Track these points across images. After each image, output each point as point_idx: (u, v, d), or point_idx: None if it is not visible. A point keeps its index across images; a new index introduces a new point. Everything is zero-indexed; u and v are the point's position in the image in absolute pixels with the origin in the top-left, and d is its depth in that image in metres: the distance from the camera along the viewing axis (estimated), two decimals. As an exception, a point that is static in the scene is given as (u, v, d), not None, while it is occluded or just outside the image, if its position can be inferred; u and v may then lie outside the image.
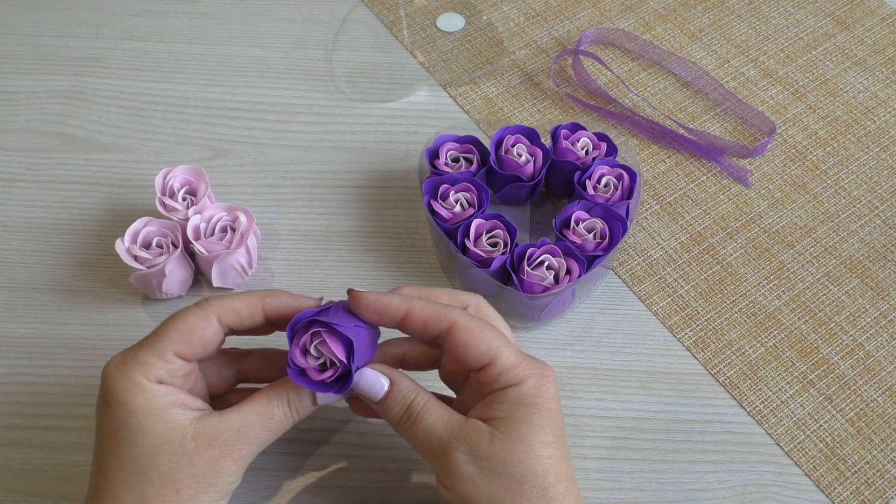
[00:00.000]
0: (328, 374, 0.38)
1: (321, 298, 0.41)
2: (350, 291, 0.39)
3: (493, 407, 0.38)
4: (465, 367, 0.40)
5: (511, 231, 0.51)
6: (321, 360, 0.39)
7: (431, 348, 0.42)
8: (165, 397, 0.38)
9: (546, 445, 0.38)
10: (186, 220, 0.52)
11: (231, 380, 0.44)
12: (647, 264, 0.55)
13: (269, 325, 0.41)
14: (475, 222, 0.51)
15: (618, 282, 0.55)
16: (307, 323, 0.38)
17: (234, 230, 0.52)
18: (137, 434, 0.37)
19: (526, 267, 0.49)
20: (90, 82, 0.65)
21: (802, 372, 0.51)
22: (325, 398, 0.40)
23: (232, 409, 0.39)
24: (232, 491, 0.39)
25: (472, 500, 0.37)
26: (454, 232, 0.51)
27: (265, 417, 0.39)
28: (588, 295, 0.54)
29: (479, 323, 0.39)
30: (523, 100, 0.64)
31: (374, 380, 0.39)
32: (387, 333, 0.41)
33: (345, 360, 0.38)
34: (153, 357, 0.38)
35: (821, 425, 0.49)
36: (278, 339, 0.42)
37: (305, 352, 0.38)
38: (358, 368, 0.39)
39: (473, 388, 0.40)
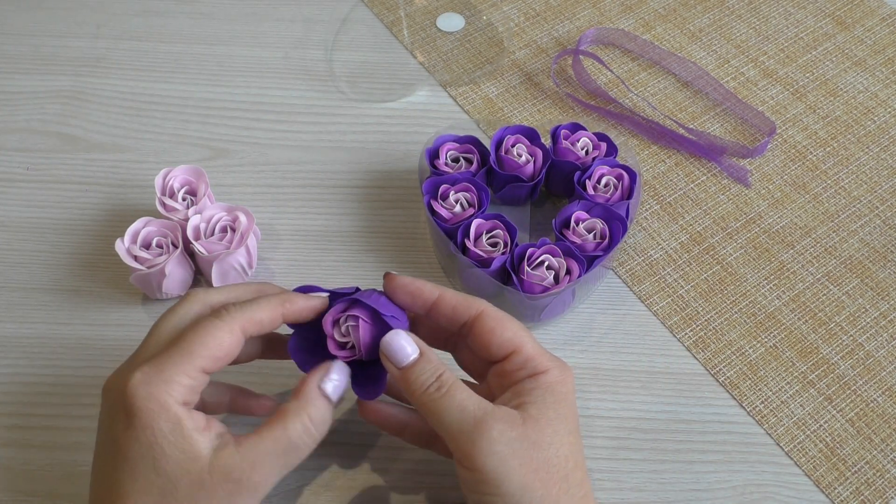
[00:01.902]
0: (346, 352, 0.40)
1: (328, 293, 0.42)
2: (386, 274, 0.41)
3: (522, 394, 0.39)
4: (488, 356, 0.40)
5: (511, 231, 0.51)
6: (345, 340, 0.40)
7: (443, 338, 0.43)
8: (188, 422, 0.36)
9: (569, 433, 0.39)
10: (186, 220, 0.52)
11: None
12: (647, 264, 0.55)
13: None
14: (475, 222, 0.51)
15: (618, 282, 0.55)
16: (350, 300, 0.40)
17: (234, 230, 0.52)
18: (161, 461, 0.36)
19: (526, 267, 0.49)
20: (90, 82, 0.65)
21: (802, 372, 0.51)
22: (336, 389, 0.39)
23: (249, 436, 0.37)
24: None
25: (501, 480, 0.37)
26: (454, 232, 0.51)
27: (282, 444, 0.37)
28: (588, 295, 0.54)
29: (504, 314, 0.40)
30: (523, 100, 0.64)
31: (403, 344, 0.39)
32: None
33: (364, 352, 0.39)
34: (180, 375, 0.36)
35: (821, 425, 0.49)
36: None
37: (335, 323, 0.40)
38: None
39: (493, 383, 0.41)
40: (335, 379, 0.39)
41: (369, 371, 0.41)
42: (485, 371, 0.42)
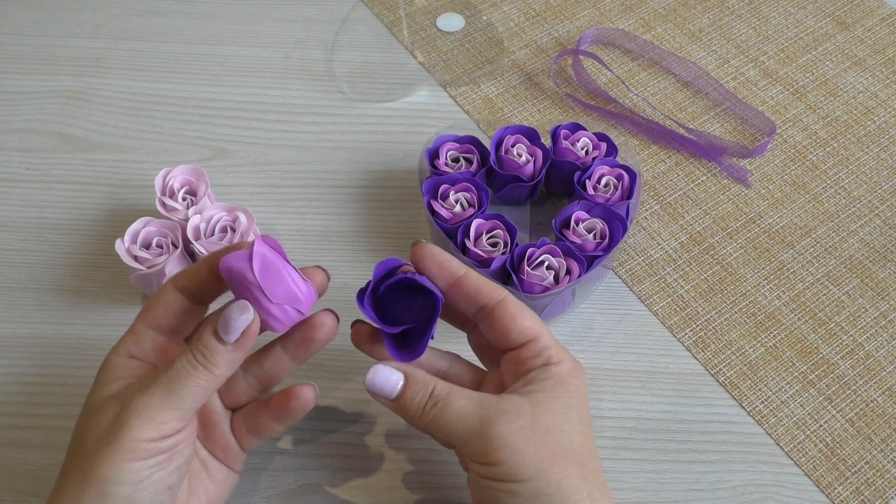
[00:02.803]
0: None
1: (252, 243, 0.39)
2: (416, 242, 0.41)
3: (532, 383, 0.39)
4: (504, 342, 0.40)
5: (511, 231, 0.51)
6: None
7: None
8: (120, 371, 0.38)
9: (581, 423, 0.39)
10: (186, 220, 0.52)
11: (246, 389, 0.43)
12: (647, 264, 0.55)
13: (218, 279, 0.40)
14: (475, 222, 0.51)
15: (618, 282, 0.55)
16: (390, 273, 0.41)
17: (234, 230, 0.52)
18: (83, 408, 0.38)
19: (526, 267, 0.49)
20: (90, 82, 0.65)
21: (802, 372, 0.51)
22: (233, 328, 0.37)
23: None
24: (151, 454, 0.36)
25: (518, 470, 0.37)
26: (454, 232, 0.51)
27: (166, 366, 0.37)
28: (588, 295, 0.54)
29: (524, 304, 0.41)
30: (523, 100, 0.64)
31: (387, 377, 0.39)
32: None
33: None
34: (126, 333, 0.40)
35: (821, 425, 0.49)
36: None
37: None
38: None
39: (506, 370, 0.41)
40: (227, 316, 0.37)
41: (410, 339, 0.42)
42: (497, 358, 0.42)
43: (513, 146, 0.54)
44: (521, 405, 0.38)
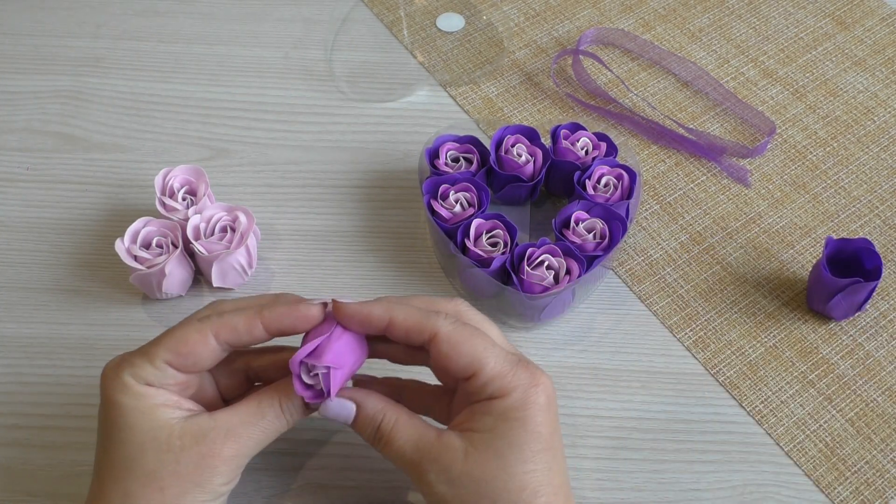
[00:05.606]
0: (310, 393, 0.39)
1: (325, 304, 0.40)
2: (334, 301, 0.39)
3: (475, 419, 0.38)
4: (447, 380, 0.40)
5: (511, 231, 0.51)
6: (313, 384, 0.39)
7: (414, 351, 0.41)
8: (154, 398, 0.38)
9: (524, 462, 0.37)
10: (186, 220, 0.52)
11: (242, 380, 0.43)
12: (647, 264, 0.55)
13: (271, 336, 0.40)
14: (475, 222, 0.51)
15: (618, 282, 0.55)
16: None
17: (234, 230, 0.52)
18: (125, 432, 0.37)
19: (526, 267, 0.49)
20: (90, 82, 0.65)
21: (802, 372, 0.51)
22: (332, 416, 0.40)
23: (223, 409, 0.39)
24: (225, 494, 0.39)
25: None
26: (454, 232, 0.51)
27: (255, 417, 0.39)
28: (588, 295, 0.54)
29: (463, 331, 0.38)
30: (523, 100, 0.64)
31: (339, 409, 0.40)
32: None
33: (332, 395, 0.39)
34: (143, 361, 0.38)
35: (821, 425, 0.49)
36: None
37: (301, 365, 0.39)
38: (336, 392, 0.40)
39: (459, 398, 0.40)
40: (338, 412, 0.40)
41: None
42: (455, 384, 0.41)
43: (513, 146, 0.54)
44: (456, 453, 0.37)
